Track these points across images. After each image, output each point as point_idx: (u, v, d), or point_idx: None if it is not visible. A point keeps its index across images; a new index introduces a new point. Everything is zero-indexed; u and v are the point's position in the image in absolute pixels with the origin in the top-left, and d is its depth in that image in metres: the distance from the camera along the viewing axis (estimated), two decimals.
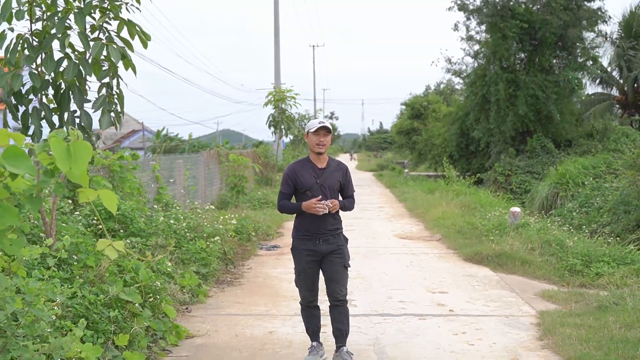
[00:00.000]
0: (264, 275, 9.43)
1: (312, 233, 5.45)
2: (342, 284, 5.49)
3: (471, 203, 17.54)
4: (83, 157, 2.35)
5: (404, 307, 7.49)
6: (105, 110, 5.85)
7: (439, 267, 10.04)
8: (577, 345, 5.86)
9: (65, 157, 2.31)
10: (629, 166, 16.88)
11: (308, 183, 5.43)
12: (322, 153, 5.51)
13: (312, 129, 5.45)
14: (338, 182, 5.53)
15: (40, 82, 5.61)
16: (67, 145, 2.35)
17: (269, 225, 13.75)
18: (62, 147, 2.33)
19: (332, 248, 5.47)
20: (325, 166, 5.54)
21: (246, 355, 5.80)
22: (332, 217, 5.48)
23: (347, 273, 5.56)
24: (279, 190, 5.57)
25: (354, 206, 5.74)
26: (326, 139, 5.46)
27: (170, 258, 8.21)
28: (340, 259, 5.49)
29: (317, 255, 5.47)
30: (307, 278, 5.53)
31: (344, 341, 5.51)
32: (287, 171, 5.59)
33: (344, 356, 5.41)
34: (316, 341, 5.67)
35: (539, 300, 7.87)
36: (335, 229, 5.52)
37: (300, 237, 5.53)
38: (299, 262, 5.55)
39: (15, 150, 2.31)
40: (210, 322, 6.88)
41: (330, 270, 5.48)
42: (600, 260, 9.63)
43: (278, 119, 22.50)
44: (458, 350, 5.90)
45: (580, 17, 27.78)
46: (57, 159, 2.29)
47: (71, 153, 2.33)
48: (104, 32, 5.79)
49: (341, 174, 5.59)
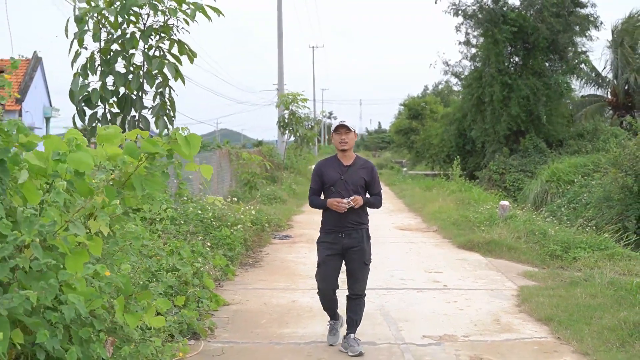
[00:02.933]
0: (281, 259, 10.68)
1: (335, 226, 5.69)
2: (362, 280, 5.77)
3: (465, 199, 18.82)
4: (195, 144, 3.65)
5: (404, 283, 8.76)
6: (160, 115, 7.09)
7: (435, 253, 11.31)
8: (548, 309, 7.12)
9: (185, 144, 3.59)
10: (612, 164, 18.13)
11: (332, 179, 5.66)
12: (346, 150, 5.72)
13: (333, 129, 5.78)
14: (362, 179, 5.72)
15: (109, 92, 6.85)
16: (186, 137, 3.63)
17: (279, 218, 15.01)
18: (182, 137, 3.61)
19: (352, 243, 5.68)
20: (351, 164, 5.76)
21: (275, 317, 7.06)
22: (356, 213, 5.68)
23: (367, 269, 5.80)
24: (309, 186, 5.92)
25: (381, 204, 5.94)
26: (348, 136, 5.67)
27: (201, 243, 9.46)
28: (359, 256, 5.71)
29: (338, 248, 5.69)
30: (327, 270, 5.73)
31: (354, 329, 5.80)
32: (315, 167, 5.89)
33: (351, 342, 5.71)
34: (334, 319, 6.04)
35: (520, 279, 9.12)
36: (359, 224, 5.72)
37: (325, 231, 5.79)
38: (321, 254, 5.79)
39: (151, 141, 3.57)
40: (241, 294, 8.13)
41: (350, 266, 5.76)
42: (578, 247, 10.89)
43: (288, 120, 23.83)
44: (450, 314, 7.16)
45: (571, 23, 29.08)
46: (181, 145, 3.57)
47: (188, 141, 3.61)
48: (159, 50, 7.04)
49: (367, 172, 5.78)
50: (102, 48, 7.02)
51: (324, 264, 5.75)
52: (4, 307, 2.56)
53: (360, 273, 5.76)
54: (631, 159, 16.64)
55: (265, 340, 6.20)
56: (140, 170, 3.56)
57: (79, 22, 6.82)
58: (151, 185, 3.61)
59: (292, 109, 23.97)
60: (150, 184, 3.61)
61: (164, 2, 6.76)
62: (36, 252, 2.71)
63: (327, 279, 5.76)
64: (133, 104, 7.07)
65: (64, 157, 3.11)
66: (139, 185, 3.48)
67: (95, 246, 3.09)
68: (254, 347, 5.98)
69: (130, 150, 3.51)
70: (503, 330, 6.54)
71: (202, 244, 9.04)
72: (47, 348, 2.75)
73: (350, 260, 5.74)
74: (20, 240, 2.66)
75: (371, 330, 6.46)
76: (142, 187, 3.49)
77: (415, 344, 6.05)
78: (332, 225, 5.72)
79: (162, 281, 5.91)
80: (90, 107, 7.12)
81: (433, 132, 41.31)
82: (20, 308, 2.60)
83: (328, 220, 5.76)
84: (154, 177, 3.57)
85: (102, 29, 7.03)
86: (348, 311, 5.82)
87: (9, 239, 2.65)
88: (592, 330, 6.24)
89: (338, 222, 5.67)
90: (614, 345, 5.80)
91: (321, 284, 5.82)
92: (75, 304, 2.75)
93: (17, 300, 2.59)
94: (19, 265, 2.70)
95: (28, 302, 2.61)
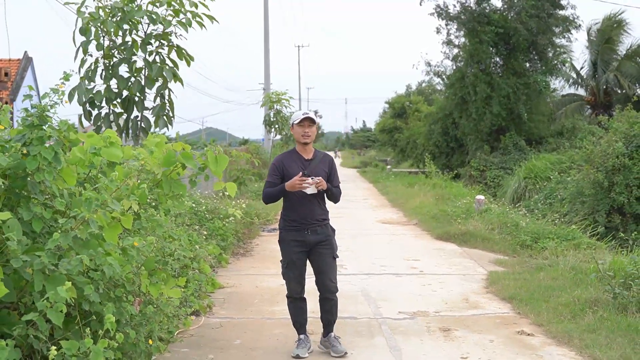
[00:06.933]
0: (270, 249, 11.42)
1: (299, 223, 5.47)
2: (332, 275, 5.59)
3: (445, 194, 19.66)
4: (222, 163, 4.42)
5: (384, 269, 9.53)
6: (160, 115, 7.79)
7: (414, 244, 12.11)
8: (512, 290, 7.91)
9: (214, 162, 4.36)
10: (585, 161, 18.98)
11: (295, 173, 5.39)
12: (308, 144, 5.55)
13: (296, 120, 5.53)
14: (325, 172, 5.56)
15: (113, 94, 7.54)
16: (215, 156, 4.40)
17: (267, 213, 15.74)
18: (212, 156, 4.38)
19: (320, 238, 5.51)
20: (311, 157, 5.60)
21: (267, 297, 7.80)
22: (319, 206, 5.55)
23: (335, 264, 5.64)
24: (266, 181, 5.64)
25: (340, 197, 5.75)
26: (311, 129, 5.51)
27: (196, 233, 10.17)
28: (329, 250, 5.56)
29: (306, 245, 5.50)
30: (295, 269, 5.54)
31: (331, 328, 5.70)
32: (274, 162, 5.63)
33: (332, 341, 5.61)
34: (303, 334, 5.74)
35: (491, 265, 9.92)
36: (323, 219, 5.56)
37: (287, 229, 5.55)
38: (287, 254, 5.57)
39: (186, 154, 4.33)
40: (234, 279, 8.86)
41: (319, 261, 5.54)
42: (547, 237, 11.68)
43: (273, 119, 24.59)
44: (424, 294, 7.94)
45: (550, 25, 30.00)
46: (209, 163, 4.35)
47: (217, 160, 4.37)
48: (159, 55, 7.73)
49: (327, 164, 5.65)
50: (105, 54, 7.70)
51: (292, 263, 5.53)
52: (64, 268, 3.29)
53: (330, 267, 5.56)
54: (602, 156, 17.46)
55: (258, 316, 6.95)
56: (173, 175, 4.36)
57: (83, 33, 7.50)
58: (177, 188, 4.41)
59: (277, 108, 24.74)
60: (177, 187, 4.41)
61: (159, 14, 7.43)
62: (93, 225, 3.43)
63: (299, 277, 5.57)
64: (135, 105, 7.76)
65: (99, 151, 3.85)
66: (167, 186, 4.28)
67: (126, 220, 3.83)
68: (248, 322, 6.73)
69: (169, 157, 4.29)
70: (470, 307, 7.33)
71: (197, 234, 9.75)
72: (91, 300, 3.47)
73: (319, 256, 5.54)
74: (81, 216, 3.40)
75: (353, 307, 7.23)
76: (170, 189, 4.29)
77: (391, 319, 6.82)
78: (295, 222, 5.49)
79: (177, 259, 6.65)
80: (94, 108, 7.80)
81: (417, 132, 42.14)
82: (74, 270, 3.32)
83: (290, 215, 5.53)
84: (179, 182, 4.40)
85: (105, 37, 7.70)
86: (324, 312, 5.67)
87: (72, 214, 3.40)
88: (549, 306, 7.03)
89: (302, 217, 5.47)
90: (566, 318, 6.59)
91: (293, 283, 5.60)
92: (113, 265, 3.47)
93: (74, 263, 3.31)
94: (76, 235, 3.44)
95: (81, 265, 3.33)
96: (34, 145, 3.55)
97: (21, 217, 3.48)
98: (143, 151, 4.29)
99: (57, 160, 3.51)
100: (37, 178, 3.53)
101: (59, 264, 3.34)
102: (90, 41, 7.48)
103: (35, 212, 3.49)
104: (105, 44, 7.66)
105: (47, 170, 3.54)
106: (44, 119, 3.75)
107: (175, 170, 4.41)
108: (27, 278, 3.34)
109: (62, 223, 3.44)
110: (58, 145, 3.54)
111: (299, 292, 5.65)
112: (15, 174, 3.59)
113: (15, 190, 3.65)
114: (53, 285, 3.24)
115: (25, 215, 3.47)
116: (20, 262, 3.25)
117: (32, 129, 3.68)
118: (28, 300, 3.45)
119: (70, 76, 4.08)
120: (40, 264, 3.27)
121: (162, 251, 5.93)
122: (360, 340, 6.07)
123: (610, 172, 16.84)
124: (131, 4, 7.33)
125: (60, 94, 3.81)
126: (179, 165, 4.42)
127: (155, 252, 5.28)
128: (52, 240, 3.35)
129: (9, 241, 3.17)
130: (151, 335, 4.49)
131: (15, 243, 3.19)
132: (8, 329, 3.31)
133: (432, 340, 6.08)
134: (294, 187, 5.32)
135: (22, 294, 3.47)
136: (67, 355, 3.15)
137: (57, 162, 3.51)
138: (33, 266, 3.27)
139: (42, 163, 3.52)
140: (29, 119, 3.74)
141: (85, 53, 7.58)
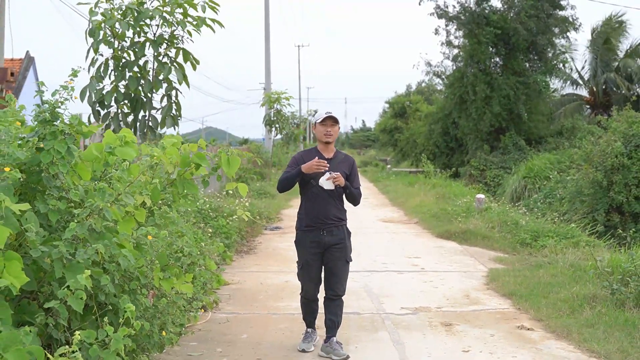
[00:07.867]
0: (273, 247, 11.58)
1: (316, 223, 5.49)
2: (343, 279, 5.61)
3: (446, 194, 19.83)
4: (235, 164, 4.58)
5: (386, 267, 9.68)
6: (168, 115, 7.93)
7: (415, 242, 12.27)
8: (512, 286, 8.06)
9: (226, 163, 4.52)
10: (584, 160, 19.14)
11: (314, 171, 5.41)
12: (330, 143, 5.58)
13: (319, 119, 5.55)
14: (344, 173, 5.52)
15: (122, 95, 7.69)
16: (228, 157, 4.56)
17: (269, 212, 15.93)
18: (225, 157, 4.54)
19: (335, 240, 5.52)
20: (332, 156, 5.59)
21: (271, 293, 7.95)
22: (336, 205, 5.54)
23: (348, 268, 5.66)
24: (283, 172, 5.64)
25: (360, 199, 5.73)
26: (333, 129, 5.54)
27: (201, 231, 10.33)
28: (342, 253, 5.55)
29: (321, 246, 5.52)
30: (311, 270, 5.60)
31: (335, 332, 5.61)
32: (296, 155, 5.69)
33: (334, 346, 5.52)
34: (311, 328, 5.86)
35: (491, 263, 10.07)
36: (339, 219, 5.57)
37: (304, 229, 5.58)
38: (303, 255, 5.63)
39: (200, 155, 4.49)
40: (239, 276, 9.01)
41: (332, 264, 5.55)
42: (546, 236, 11.84)
43: (274, 118, 24.75)
44: (426, 291, 8.09)
45: (550, 25, 30.17)
46: (222, 163, 4.50)
47: (229, 161, 4.54)
48: (168, 57, 7.88)
49: (348, 165, 5.64)
50: (114, 55, 7.84)
51: (308, 264, 5.61)
52: (81, 258, 3.45)
53: (342, 271, 5.59)
54: (601, 156, 17.62)
55: (264, 311, 7.11)
56: (187, 175, 4.54)
57: (92, 34, 7.65)
58: (189, 187, 4.59)
59: (277, 108, 24.92)
60: (189, 187, 4.58)
61: (174, 15, 7.59)
62: (107, 214, 3.60)
63: (314, 279, 5.65)
64: (143, 105, 7.90)
65: (114, 150, 4.01)
66: (180, 185, 4.46)
67: (140, 214, 3.99)
68: (254, 317, 6.88)
69: (184, 158, 4.46)
70: (471, 303, 7.48)
71: (202, 232, 9.91)
72: (107, 291, 3.62)
73: (331, 259, 5.55)
74: (95, 206, 3.56)
75: (356, 303, 7.38)
76: (182, 188, 4.47)
77: (394, 314, 6.97)
78: (312, 221, 5.51)
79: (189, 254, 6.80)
80: (103, 107, 7.95)
81: (417, 131, 42.30)
82: (90, 259, 3.48)
83: (308, 214, 5.55)
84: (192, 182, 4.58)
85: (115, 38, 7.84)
86: (328, 313, 5.63)
87: (87, 205, 3.57)
88: (548, 302, 7.18)
89: (319, 217, 5.48)
90: (564, 313, 6.75)
91: (308, 284, 5.69)
92: (127, 257, 3.63)
93: (90, 252, 3.47)
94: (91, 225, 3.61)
95: (97, 255, 3.49)
96: (47, 140, 3.72)
97: (38, 210, 3.64)
98: (158, 150, 4.45)
99: (70, 153, 3.68)
100: (51, 171, 3.70)
101: (76, 254, 3.51)
102: (100, 41, 7.62)
103: (50, 205, 3.65)
104: (115, 44, 7.80)
105: (61, 164, 3.71)
106: (55, 114, 3.91)
107: (189, 170, 4.59)
108: (46, 268, 3.50)
109: (78, 213, 3.61)
110: (71, 139, 3.71)
111: (313, 294, 5.74)
112: (30, 169, 3.76)
113: (31, 185, 3.82)
114: (72, 274, 3.39)
115: (42, 208, 3.63)
116: (39, 252, 3.41)
117: (44, 124, 3.84)
118: (47, 289, 3.60)
119: (78, 72, 4.22)
120: (59, 253, 3.44)
121: (172, 247, 6.08)
122: (365, 334, 6.24)
123: (609, 172, 17.01)
124: (141, 5, 7.48)
125: (70, 89, 3.96)
126: (192, 166, 4.59)
127: (166, 248, 5.44)
128: (69, 229, 3.52)
129: (28, 232, 3.33)
130: (164, 327, 4.65)
131: (33, 234, 3.35)
132: (29, 317, 3.47)
133: (434, 334, 6.24)
134: (310, 168, 5.34)
135: (41, 284, 3.63)
136: (86, 343, 3.30)
137: (70, 155, 3.68)
138: (51, 255, 3.43)
139: (56, 157, 3.69)
140: (41, 115, 3.90)
141: (96, 52, 7.72)
